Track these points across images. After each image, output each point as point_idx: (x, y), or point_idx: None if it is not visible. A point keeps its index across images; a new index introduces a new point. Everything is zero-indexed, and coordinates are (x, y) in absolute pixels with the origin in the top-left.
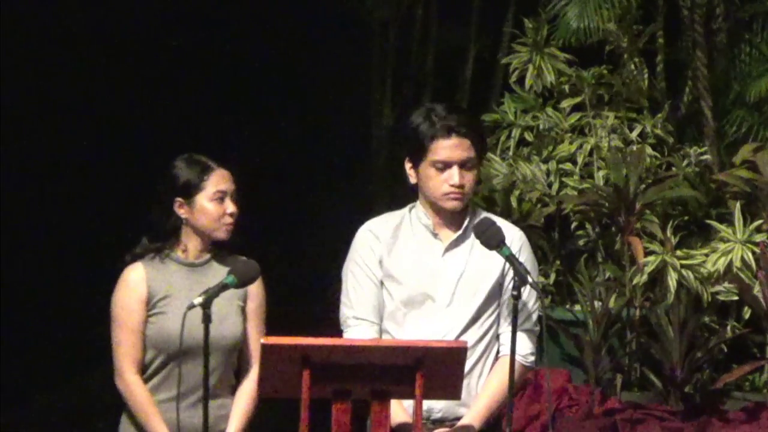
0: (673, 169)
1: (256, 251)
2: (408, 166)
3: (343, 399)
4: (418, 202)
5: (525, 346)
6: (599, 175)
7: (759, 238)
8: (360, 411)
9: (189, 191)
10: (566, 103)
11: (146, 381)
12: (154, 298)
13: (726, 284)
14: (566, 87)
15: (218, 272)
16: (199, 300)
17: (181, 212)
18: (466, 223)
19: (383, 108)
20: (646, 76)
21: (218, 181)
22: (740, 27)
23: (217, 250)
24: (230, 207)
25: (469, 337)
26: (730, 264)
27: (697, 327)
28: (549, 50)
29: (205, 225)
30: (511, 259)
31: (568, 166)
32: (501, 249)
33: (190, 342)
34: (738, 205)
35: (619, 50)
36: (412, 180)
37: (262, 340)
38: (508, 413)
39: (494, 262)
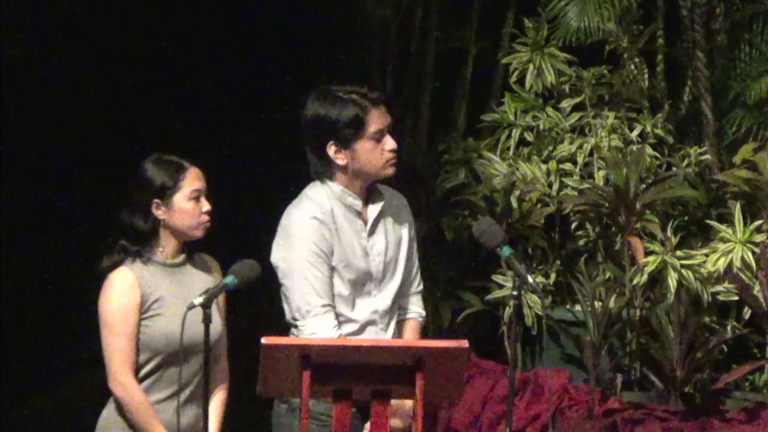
0: (673, 169)
1: (257, 251)
2: (333, 150)
3: (344, 399)
4: (328, 185)
5: (422, 307)
6: (599, 175)
7: (759, 238)
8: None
9: (165, 192)
10: (566, 103)
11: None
12: (147, 301)
13: (726, 284)
14: (566, 87)
15: (195, 271)
16: (199, 300)
17: (158, 213)
18: (382, 199)
19: None
20: (646, 76)
21: (193, 180)
22: (740, 27)
23: (188, 249)
24: (206, 205)
25: (393, 306)
26: (730, 264)
27: (698, 327)
28: (549, 50)
29: (183, 224)
30: (511, 259)
31: (568, 166)
32: (502, 249)
33: (187, 342)
34: (738, 205)
35: (619, 50)
36: (342, 162)
37: (263, 340)
38: (508, 413)
39: (403, 231)
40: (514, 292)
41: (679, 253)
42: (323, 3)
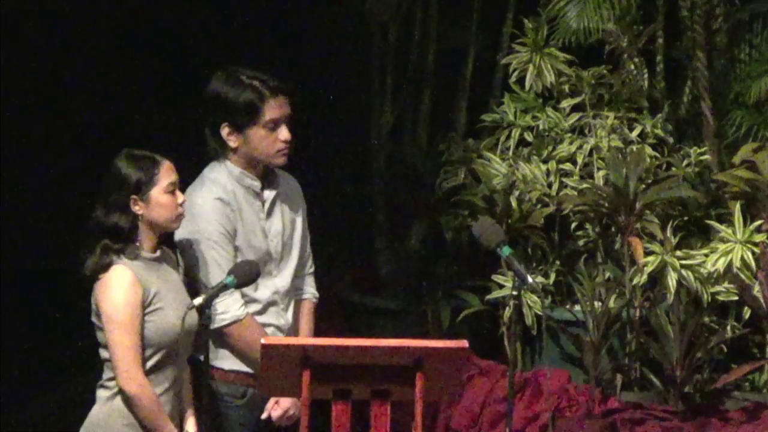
0: (673, 169)
1: None
2: (225, 132)
3: (344, 399)
4: (227, 165)
5: (315, 288)
6: (599, 176)
7: (759, 238)
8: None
9: (142, 188)
10: (566, 103)
11: None
12: (149, 296)
13: (726, 284)
14: (566, 87)
15: (167, 265)
16: (199, 301)
17: (137, 209)
18: (278, 180)
19: (383, 108)
20: (645, 76)
21: (168, 173)
22: (740, 27)
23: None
24: (181, 197)
25: (292, 286)
26: (729, 264)
27: (697, 327)
28: (549, 50)
29: (162, 218)
30: (510, 259)
31: (567, 166)
32: (501, 249)
33: (187, 334)
34: (738, 205)
35: (619, 50)
36: (233, 144)
37: (263, 340)
38: (508, 413)
39: (296, 212)
40: (514, 292)
41: (678, 253)
42: (323, 3)
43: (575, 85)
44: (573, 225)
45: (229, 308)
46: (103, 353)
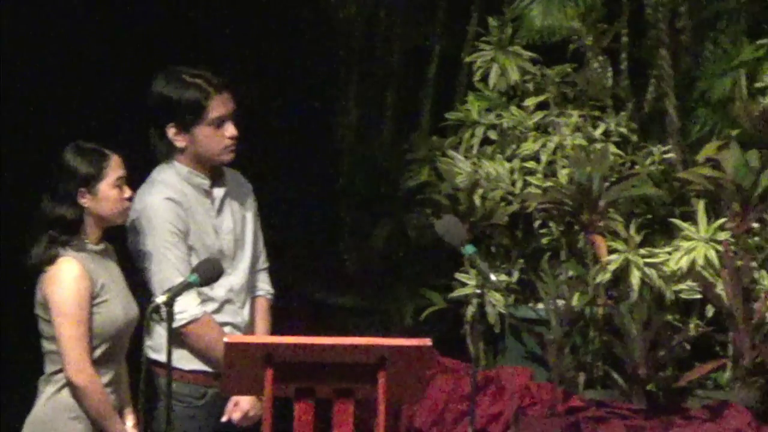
0: (637, 167)
1: None
2: (172, 132)
3: (306, 398)
4: (175, 165)
5: (269, 284)
6: (563, 174)
7: (722, 236)
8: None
9: (90, 181)
10: (530, 102)
11: None
12: (96, 288)
13: (689, 282)
14: (530, 85)
15: (113, 259)
16: (162, 299)
17: (84, 202)
18: (226, 178)
19: (348, 106)
20: (610, 74)
21: (116, 167)
22: (705, 26)
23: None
24: (128, 192)
25: (247, 284)
26: (693, 262)
27: (660, 325)
28: (513, 48)
29: (108, 212)
30: (474, 258)
31: (531, 164)
32: (465, 248)
33: (127, 325)
34: (701, 203)
35: (583, 48)
36: (181, 144)
37: (225, 339)
38: (470, 411)
39: (247, 208)
40: (477, 291)
41: (642, 251)
42: (288, 2)
43: (539, 83)
44: (537, 223)
45: (186, 307)
46: (48, 345)
